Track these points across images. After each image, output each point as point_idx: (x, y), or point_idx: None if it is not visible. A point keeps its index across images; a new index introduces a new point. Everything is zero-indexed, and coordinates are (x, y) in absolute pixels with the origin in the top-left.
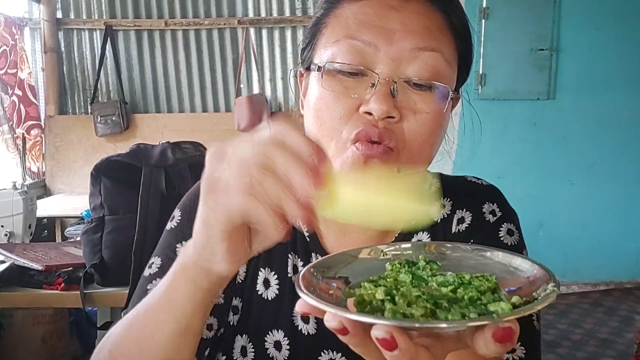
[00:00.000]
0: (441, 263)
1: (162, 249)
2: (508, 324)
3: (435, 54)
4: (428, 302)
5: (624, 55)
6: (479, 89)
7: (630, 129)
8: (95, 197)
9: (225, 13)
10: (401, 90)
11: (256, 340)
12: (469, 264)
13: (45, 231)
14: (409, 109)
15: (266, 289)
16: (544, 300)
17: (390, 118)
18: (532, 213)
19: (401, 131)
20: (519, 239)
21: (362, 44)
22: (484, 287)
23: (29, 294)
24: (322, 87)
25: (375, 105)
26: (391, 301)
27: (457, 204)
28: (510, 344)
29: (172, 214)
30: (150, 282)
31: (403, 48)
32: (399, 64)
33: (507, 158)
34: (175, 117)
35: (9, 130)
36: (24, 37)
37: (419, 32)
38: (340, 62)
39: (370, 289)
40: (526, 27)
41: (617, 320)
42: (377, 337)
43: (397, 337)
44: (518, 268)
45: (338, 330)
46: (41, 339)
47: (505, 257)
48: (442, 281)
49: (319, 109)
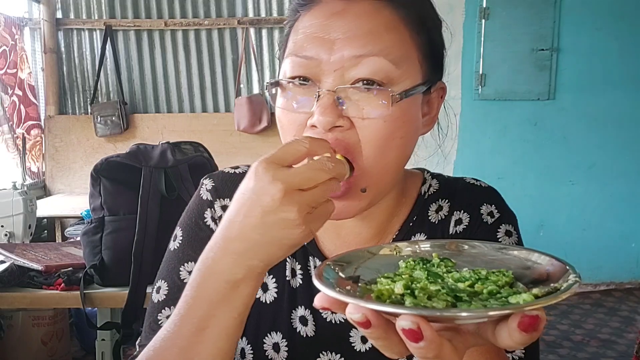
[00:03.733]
0: (455, 260)
1: (167, 271)
2: (534, 312)
3: (377, 59)
4: (448, 296)
5: (625, 55)
6: (479, 89)
7: (631, 129)
8: (95, 197)
9: (225, 13)
10: (346, 98)
11: (255, 342)
12: (483, 260)
13: (45, 231)
14: (358, 116)
15: (264, 292)
16: (567, 289)
17: (339, 127)
18: (532, 213)
19: (355, 141)
20: (517, 240)
21: (304, 60)
22: (501, 281)
23: (29, 295)
24: (277, 103)
25: (320, 117)
26: (411, 295)
27: (455, 206)
28: (536, 333)
29: (174, 233)
30: (160, 312)
31: (342, 57)
32: (341, 73)
33: (507, 158)
34: (175, 117)
35: (9, 131)
36: (23, 37)
37: (360, 37)
38: (285, 79)
39: (387, 284)
40: (526, 27)
41: (618, 321)
42: (403, 327)
43: (424, 327)
44: (536, 262)
45: (360, 323)
46: (41, 340)
47: (522, 252)
48: (458, 277)
49: (281, 125)
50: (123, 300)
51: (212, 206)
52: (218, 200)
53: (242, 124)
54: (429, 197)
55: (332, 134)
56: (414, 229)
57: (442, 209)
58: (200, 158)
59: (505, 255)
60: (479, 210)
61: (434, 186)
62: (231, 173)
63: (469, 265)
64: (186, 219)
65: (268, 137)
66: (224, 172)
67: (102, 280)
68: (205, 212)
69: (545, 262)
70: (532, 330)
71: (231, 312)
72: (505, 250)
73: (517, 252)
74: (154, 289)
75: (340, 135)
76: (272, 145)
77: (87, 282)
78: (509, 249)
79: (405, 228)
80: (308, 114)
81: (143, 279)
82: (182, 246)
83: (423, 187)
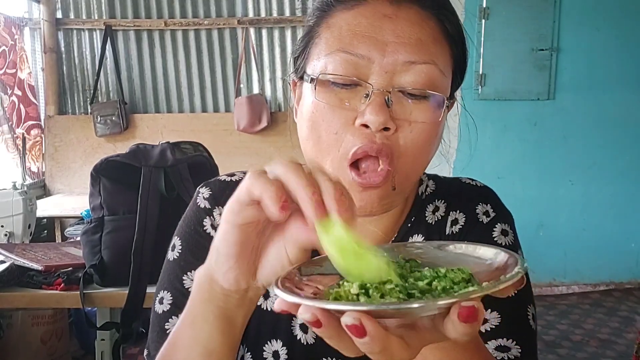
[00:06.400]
0: (419, 261)
1: (169, 282)
2: (470, 303)
3: (429, 66)
4: (401, 293)
5: (624, 55)
6: (478, 89)
7: (631, 129)
8: (95, 197)
9: (225, 13)
10: (396, 101)
11: (254, 350)
12: (446, 260)
13: (45, 231)
14: (404, 119)
15: (265, 300)
16: (507, 280)
17: (386, 130)
18: (532, 213)
19: (397, 143)
20: (513, 239)
21: (355, 57)
22: (458, 278)
23: (29, 294)
24: (315, 98)
25: (372, 117)
26: (365, 294)
27: (451, 206)
28: (476, 323)
29: (172, 242)
30: (167, 321)
31: (396, 60)
32: (392, 76)
33: (507, 158)
34: (175, 117)
35: (9, 130)
36: (23, 37)
37: (412, 44)
38: (333, 74)
39: (347, 286)
40: (526, 27)
41: (617, 321)
42: (346, 324)
43: (366, 322)
44: (481, 257)
45: (312, 323)
46: (40, 340)
47: (468, 247)
48: (418, 276)
49: (315, 121)
50: (123, 300)
51: (210, 214)
52: (217, 207)
53: (242, 124)
54: (425, 197)
55: (380, 136)
56: (411, 230)
57: (438, 210)
58: (200, 158)
59: (453, 254)
60: (475, 210)
61: (431, 187)
62: (227, 181)
63: (431, 266)
64: (184, 227)
65: (268, 136)
66: (220, 180)
67: (102, 280)
68: (204, 220)
69: (492, 256)
70: (471, 320)
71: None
72: (451, 246)
73: (463, 247)
74: (155, 300)
75: (387, 141)
76: (272, 145)
77: (86, 281)
78: (456, 245)
79: (403, 229)
80: (353, 111)
81: (143, 279)
82: (182, 255)
83: (420, 187)
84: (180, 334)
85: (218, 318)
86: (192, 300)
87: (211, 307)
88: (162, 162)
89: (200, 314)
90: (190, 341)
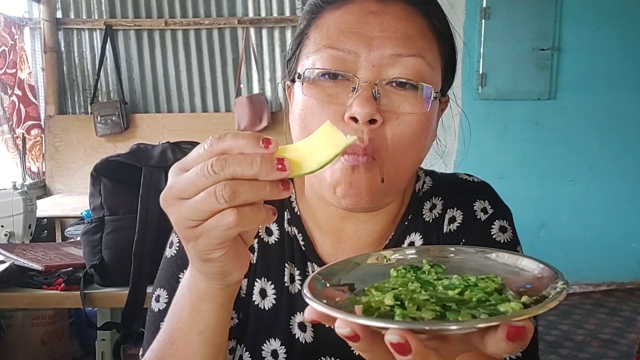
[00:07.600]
0: (444, 266)
1: (166, 279)
2: (521, 323)
3: (416, 59)
4: (437, 305)
5: (626, 54)
6: (479, 89)
7: (632, 128)
8: (95, 197)
9: (225, 13)
10: (383, 94)
11: (253, 349)
12: (471, 266)
13: (45, 231)
14: (392, 112)
15: (262, 299)
16: (555, 298)
17: (373, 122)
18: (533, 213)
19: (384, 137)
20: (512, 235)
21: (342, 53)
22: (490, 288)
23: (29, 295)
24: (304, 94)
25: (358, 109)
26: (400, 306)
27: (449, 203)
28: (523, 342)
29: (170, 239)
30: (162, 320)
31: (382, 54)
32: (379, 69)
33: (508, 158)
34: (175, 117)
35: (9, 130)
36: (23, 37)
37: (398, 38)
38: (320, 68)
39: (377, 295)
40: (527, 27)
41: (619, 321)
42: (391, 341)
43: (411, 340)
44: (524, 268)
45: (349, 337)
46: (41, 340)
47: (510, 258)
48: (447, 284)
49: (304, 118)
50: (123, 300)
51: None
52: None
53: (242, 124)
54: (423, 194)
55: (367, 129)
56: (409, 229)
57: (435, 207)
58: None
59: (490, 260)
60: (472, 206)
61: (428, 183)
62: None
63: (457, 271)
64: None
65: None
66: None
67: (102, 280)
68: None
69: (533, 268)
70: (519, 340)
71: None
72: (491, 254)
73: (506, 256)
74: (152, 297)
75: (373, 134)
76: None
77: (87, 281)
78: (493, 253)
79: (400, 228)
80: (342, 106)
81: (143, 279)
82: (179, 252)
83: (417, 184)
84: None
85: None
86: (181, 295)
87: (198, 296)
88: (162, 162)
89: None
90: (189, 327)
